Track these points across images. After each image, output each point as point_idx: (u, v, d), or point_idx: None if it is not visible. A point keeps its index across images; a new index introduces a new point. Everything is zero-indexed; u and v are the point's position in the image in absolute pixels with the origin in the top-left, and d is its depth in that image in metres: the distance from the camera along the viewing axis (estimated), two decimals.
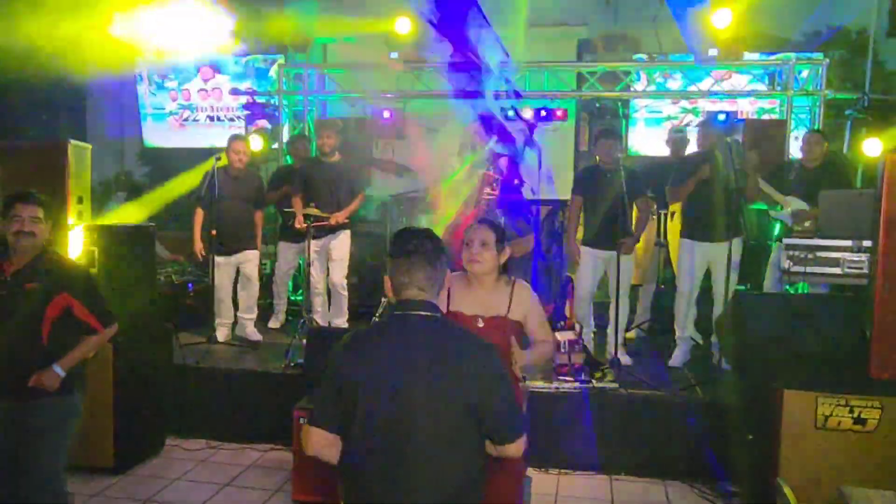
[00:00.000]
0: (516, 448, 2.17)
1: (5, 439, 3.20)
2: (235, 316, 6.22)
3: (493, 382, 2.12)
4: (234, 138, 6.10)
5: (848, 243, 4.59)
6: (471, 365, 2.10)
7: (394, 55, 7.56)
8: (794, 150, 6.57)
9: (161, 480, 4.56)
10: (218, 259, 5.94)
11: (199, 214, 5.94)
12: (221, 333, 6.07)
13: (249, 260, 6.10)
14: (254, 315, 6.21)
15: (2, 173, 4.49)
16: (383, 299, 5.95)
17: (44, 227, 3.24)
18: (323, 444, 2.14)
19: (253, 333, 6.12)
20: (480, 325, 3.04)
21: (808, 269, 4.64)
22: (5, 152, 4.95)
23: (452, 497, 2.08)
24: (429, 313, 2.18)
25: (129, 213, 7.84)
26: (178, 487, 4.49)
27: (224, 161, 6.01)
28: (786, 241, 4.74)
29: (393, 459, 2.06)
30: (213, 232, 5.84)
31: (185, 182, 8.02)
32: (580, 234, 5.66)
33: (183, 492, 4.42)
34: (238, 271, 6.11)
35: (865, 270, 4.49)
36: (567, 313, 6.61)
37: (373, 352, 2.13)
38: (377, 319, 5.88)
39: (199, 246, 5.94)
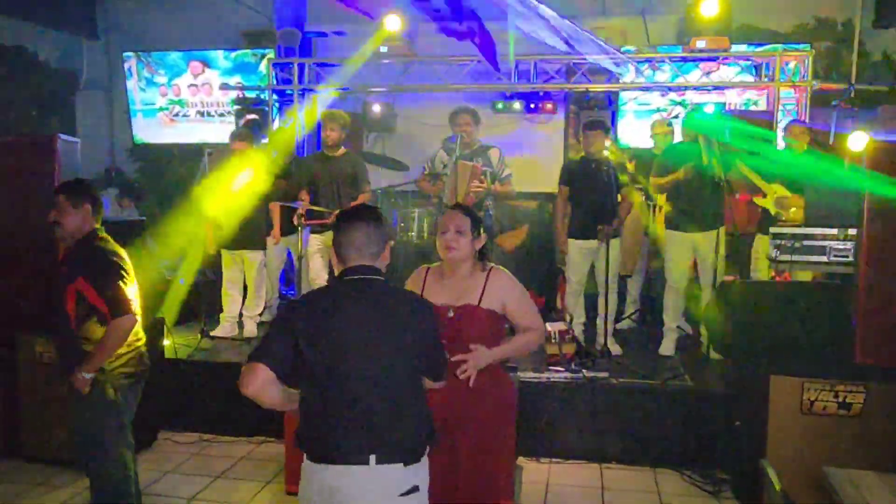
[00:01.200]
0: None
1: None
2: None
3: (432, 330, 2.43)
4: (235, 138, 6.07)
5: (834, 231, 4.63)
6: (417, 314, 2.39)
7: (383, 49, 7.56)
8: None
9: (153, 473, 4.57)
10: (225, 253, 5.96)
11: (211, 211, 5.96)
12: (225, 329, 6.06)
13: (252, 262, 6.02)
14: (253, 314, 6.16)
15: None
16: None
17: (70, 217, 3.31)
18: (266, 380, 2.21)
19: (252, 331, 6.10)
20: (451, 315, 2.88)
21: (795, 258, 4.68)
22: None
23: (410, 429, 2.31)
24: (375, 277, 2.37)
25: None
26: (171, 479, 4.51)
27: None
28: (772, 229, 4.78)
29: (364, 406, 2.24)
30: (208, 225, 5.85)
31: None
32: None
33: (176, 484, 4.44)
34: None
35: (851, 258, 4.54)
36: (558, 304, 6.67)
37: (333, 314, 2.28)
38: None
39: (210, 238, 5.97)
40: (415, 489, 2.25)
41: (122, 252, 3.40)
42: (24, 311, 4.70)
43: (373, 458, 2.20)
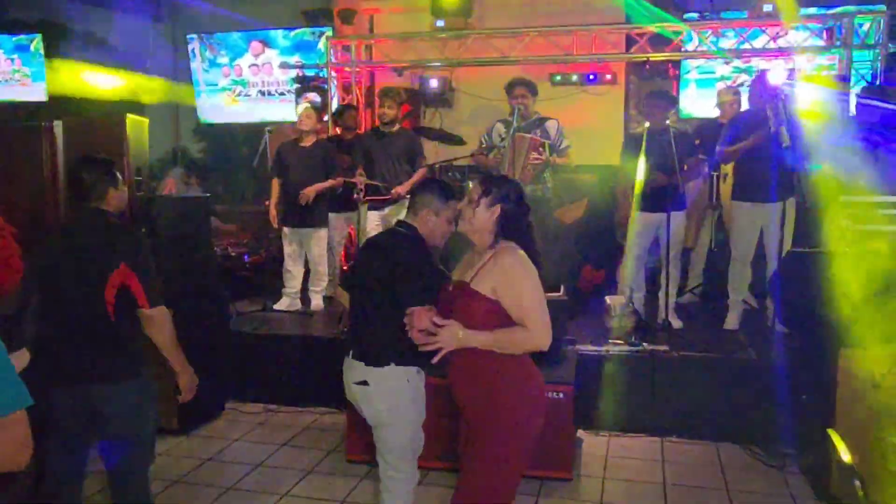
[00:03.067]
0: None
1: None
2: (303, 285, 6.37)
3: (407, 272, 2.91)
4: (304, 108, 6.28)
5: None
6: (401, 257, 2.95)
7: (440, 23, 7.55)
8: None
9: (222, 441, 4.74)
10: (286, 230, 6.10)
11: (275, 185, 6.16)
12: (285, 303, 6.21)
13: (317, 238, 6.12)
14: (319, 288, 6.28)
15: None
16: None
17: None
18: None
19: (318, 305, 6.23)
20: (450, 289, 2.72)
21: (869, 227, 4.50)
22: (70, 126, 5.17)
23: (374, 342, 2.97)
24: (401, 229, 3.06)
25: None
26: (239, 447, 4.67)
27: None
28: (844, 198, 4.60)
29: (359, 316, 3.06)
30: (269, 202, 6.00)
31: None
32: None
33: (243, 451, 4.60)
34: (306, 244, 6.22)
35: None
36: (618, 277, 6.59)
37: (364, 249, 3.39)
38: None
39: (273, 214, 6.18)
40: (364, 383, 2.95)
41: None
42: None
43: (351, 352, 3.03)
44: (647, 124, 5.49)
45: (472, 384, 2.61)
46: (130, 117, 5.28)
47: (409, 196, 5.95)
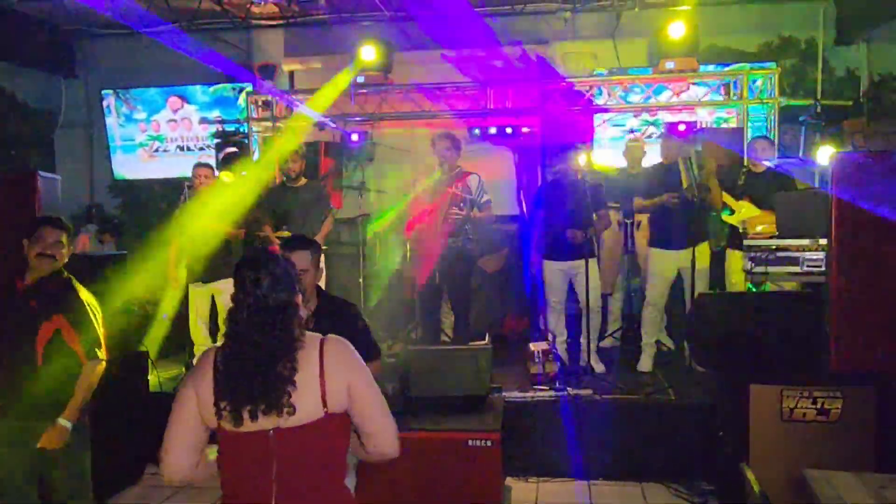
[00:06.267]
0: None
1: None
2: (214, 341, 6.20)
3: None
4: (197, 165, 6.18)
5: (806, 242, 4.72)
6: None
7: (360, 79, 7.69)
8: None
9: None
10: (193, 286, 5.94)
11: (174, 245, 5.94)
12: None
13: (224, 291, 5.91)
14: None
15: None
16: None
17: (64, 252, 3.34)
18: None
19: None
20: None
21: (769, 269, 4.77)
22: None
23: None
24: None
25: None
26: None
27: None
28: (746, 241, 4.87)
29: None
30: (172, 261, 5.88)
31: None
32: None
33: None
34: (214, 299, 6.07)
35: (823, 268, 4.63)
36: (542, 326, 6.71)
37: None
38: None
39: (173, 275, 5.92)
40: None
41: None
42: None
43: None
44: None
45: None
46: (42, 174, 5.13)
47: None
